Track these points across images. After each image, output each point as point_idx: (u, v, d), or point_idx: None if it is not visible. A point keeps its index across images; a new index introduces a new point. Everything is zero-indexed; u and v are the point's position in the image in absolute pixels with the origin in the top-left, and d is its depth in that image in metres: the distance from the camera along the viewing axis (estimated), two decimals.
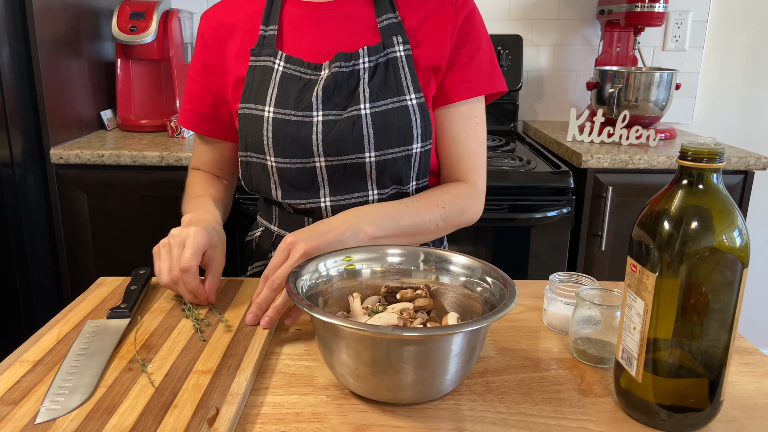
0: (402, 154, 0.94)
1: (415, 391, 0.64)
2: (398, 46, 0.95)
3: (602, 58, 2.17)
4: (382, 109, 0.93)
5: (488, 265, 0.74)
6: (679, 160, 0.58)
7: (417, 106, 0.94)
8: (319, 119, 0.93)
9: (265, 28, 0.98)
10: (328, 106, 0.93)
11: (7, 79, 1.57)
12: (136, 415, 0.60)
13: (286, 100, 0.94)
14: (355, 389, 0.66)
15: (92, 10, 1.91)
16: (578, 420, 0.63)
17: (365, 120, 0.92)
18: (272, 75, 0.95)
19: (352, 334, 0.61)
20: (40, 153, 1.69)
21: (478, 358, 0.70)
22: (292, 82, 0.95)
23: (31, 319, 1.70)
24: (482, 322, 0.61)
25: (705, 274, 0.57)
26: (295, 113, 0.93)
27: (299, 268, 0.72)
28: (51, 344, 0.74)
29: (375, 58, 0.94)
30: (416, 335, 0.59)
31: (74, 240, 1.74)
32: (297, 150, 0.93)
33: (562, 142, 1.89)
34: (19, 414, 0.60)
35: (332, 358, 0.65)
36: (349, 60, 0.94)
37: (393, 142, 0.93)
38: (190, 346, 0.73)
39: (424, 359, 0.61)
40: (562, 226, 1.70)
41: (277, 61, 0.96)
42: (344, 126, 0.93)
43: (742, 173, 1.75)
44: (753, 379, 0.72)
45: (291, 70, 0.95)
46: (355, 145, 0.93)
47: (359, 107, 0.93)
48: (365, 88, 0.93)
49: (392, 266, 0.79)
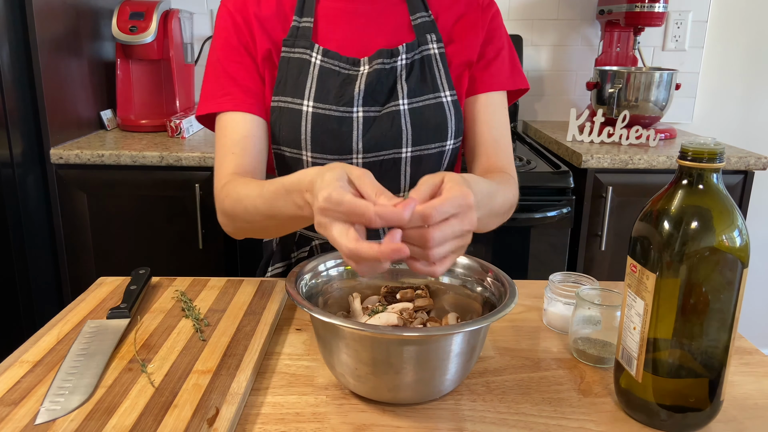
0: (436, 150, 0.95)
1: (415, 391, 0.64)
2: (432, 44, 0.96)
3: (602, 58, 2.16)
4: (419, 105, 0.94)
5: (487, 264, 0.74)
6: (679, 160, 0.58)
7: (451, 103, 0.95)
8: (359, 115, 0.93)
9: (299, 19, 0.96)
10: (368, 102, 0.93)
11: (7, 79, 1.57)
12: (136, 415, 0.60)
13: (326, 94, 0.92)
14: (355, 389, 0.66)
15: (92, 10, 1.91)
16: (578, 420, 0.63)
17: (404, 116, 0.93)
18: (309, 68, 0.94)
19: (351, 334, 0.61)
20: (40, 153, 1.69)
21: (477, 358, 0.70)
22: (330, 77, 0.93)
23: (31, 319, 1.70)
24: (482, 322, 0.61)
25: (705, 274, 0.57)
26: (336, 108, 0.92)
27: (300, 268, 0.73)
28: (51, 345, 0.74)
29: (411, 55, 0.95)
30: (416, 335, 0.59)
31: (74, 240, 1.74)
32: (335, 146, 0.93)
33: (562, 142, 1.89)
34: (19, 414, 0.60)
35: (332, 358, 0.65)
36: (390, 57, 0.94)
37: (429, 137, 0.94)
38: (189, 346, 0.73)
39: (424, 359, 0.61)
40: (562, 226, 1.70)
41: (314, 54, 0.94)
42: (383, 122, 0.93)
43: (742, 173, 1.75)
44: (753, 379, 0.72)
45: (329, 64, 0.94)
46: (394, 141, 0.93)
47: (398, 103, 0.93)
48: (403, 85, 0.94)
49: (392, 266, 0.79)
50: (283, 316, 0.85)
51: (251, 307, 0.83)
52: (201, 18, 2.21)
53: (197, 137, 1.89)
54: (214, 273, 1.73)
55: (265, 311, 0.82)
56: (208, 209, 1.69)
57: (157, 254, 1.74)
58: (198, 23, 2.21)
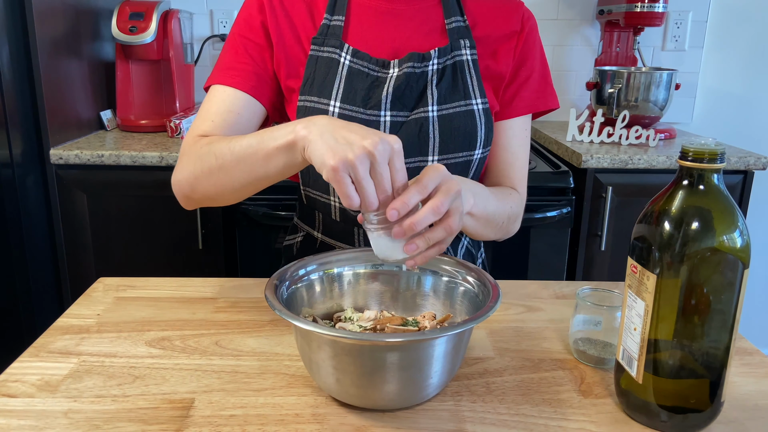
0: (463, 159, 0.93)
1: (399, 397, 0.63)
2: (465, 50, 0.93)
3: (602, 58, 2.16)
4: (449, 112, 0.91)
5: (470, 265, 0.74)
6: (680, 161, 0.58)
7: (482, 111, 0.93)
8: (387, 119, 0.90)
9: (330, 17, 0.94)
10: (396, 107, 0.91)
11: (7, 79, 1.57)
12: None
13: (353, 96, 0.90)
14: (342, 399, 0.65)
15: (92, 10, 1.91)
16: (578, 421, 0.63)
17: (432, 123, 0.90)
18: (338, 68, 0.91)
19: (331, 342, 0.60)
20: (40, 153, 1.69)
21: (463, 357, 0.69)
22: (359, 78, 0.91)
23: (31, 320, 1.70)
24: (464, 326, 0.60)
25: (705, 275, 0.57)
26: (363, 111, 0.90)
27: (282, 274, 0.72)
28: None
29: (443, 60, 0.92)
30: (397, 341, 0.58)
31: (74, 240, 1.73)
32: None
33: (562, 142, 1.88)
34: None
35: (312, 368, 0.64)
36: (421, 60, 0.91)
37: (457, 146, 0.92)
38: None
39: (407, 365, 0.60)
40: (562, 226, 1.70)
41: (343, 54, 0.92)
42: (411, 128, 0.90)
43: (742, 173, 1.75)
44: (754, 380, 0.72)
45: (358, 65, 0.92)
46: (420, 149, 0.91)
47: (426, 109, 0.91)
48: (434, 90, 0.91)
49: (375, 268, 0.79)
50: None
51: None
52: (201, 18, 2.21)
53: None
54: (214, 273, 1.73)
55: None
56: (208, 209, 1.69)
57: (157, 254, 1.73)
58: (198, 23, 2.21)
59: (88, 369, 0.72)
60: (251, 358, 0.75)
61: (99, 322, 0.84)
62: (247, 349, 0.77)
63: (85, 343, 0.78)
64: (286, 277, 0.72)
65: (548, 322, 0.85)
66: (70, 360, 0.74)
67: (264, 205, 1.62)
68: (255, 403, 0.66)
